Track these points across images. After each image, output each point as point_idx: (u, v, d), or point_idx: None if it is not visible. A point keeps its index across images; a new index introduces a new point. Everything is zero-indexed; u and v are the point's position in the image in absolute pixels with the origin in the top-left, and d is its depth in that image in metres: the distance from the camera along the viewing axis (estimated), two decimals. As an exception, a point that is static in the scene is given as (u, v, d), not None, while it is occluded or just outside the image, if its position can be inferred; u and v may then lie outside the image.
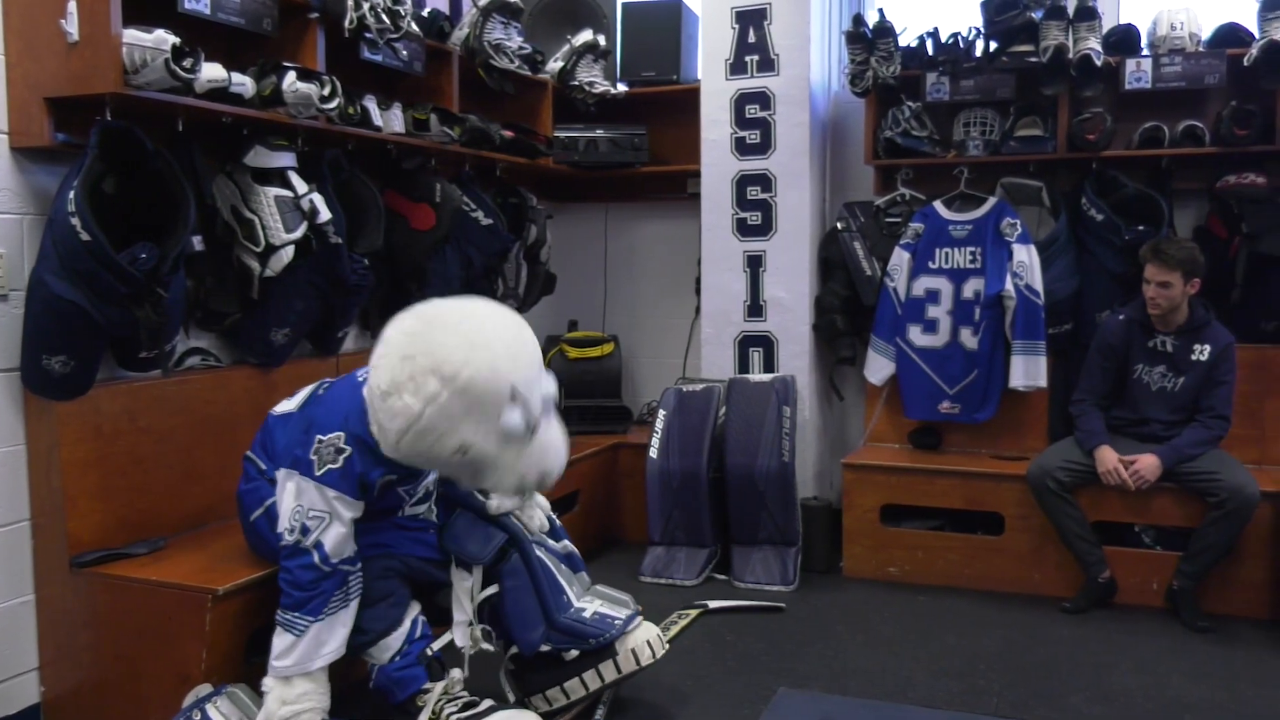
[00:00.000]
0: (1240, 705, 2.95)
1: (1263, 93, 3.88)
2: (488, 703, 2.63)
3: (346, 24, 3.23)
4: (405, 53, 3.64)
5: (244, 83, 2.93)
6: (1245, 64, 3.81)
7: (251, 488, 2.73)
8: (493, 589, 2.75)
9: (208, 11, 2.89)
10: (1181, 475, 3.64)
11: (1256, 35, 3.84)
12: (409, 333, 2.41)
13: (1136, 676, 3.14)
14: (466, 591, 2.74)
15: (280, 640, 2.46)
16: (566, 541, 2.99)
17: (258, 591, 2.66)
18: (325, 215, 3.15)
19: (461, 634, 2.70)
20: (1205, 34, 4.04)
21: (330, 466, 2.45)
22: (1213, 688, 3.06)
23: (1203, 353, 3.71)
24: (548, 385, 2.50)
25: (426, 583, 2.77)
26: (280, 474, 2.56)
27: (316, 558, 2.44)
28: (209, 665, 2.55)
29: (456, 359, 2.33)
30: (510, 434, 2.37)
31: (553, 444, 2.52)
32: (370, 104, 3.45)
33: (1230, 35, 4.01)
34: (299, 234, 3.09)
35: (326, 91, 3.12)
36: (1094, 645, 3.40)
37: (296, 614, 2.45)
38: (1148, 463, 3.64)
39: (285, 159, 3.14)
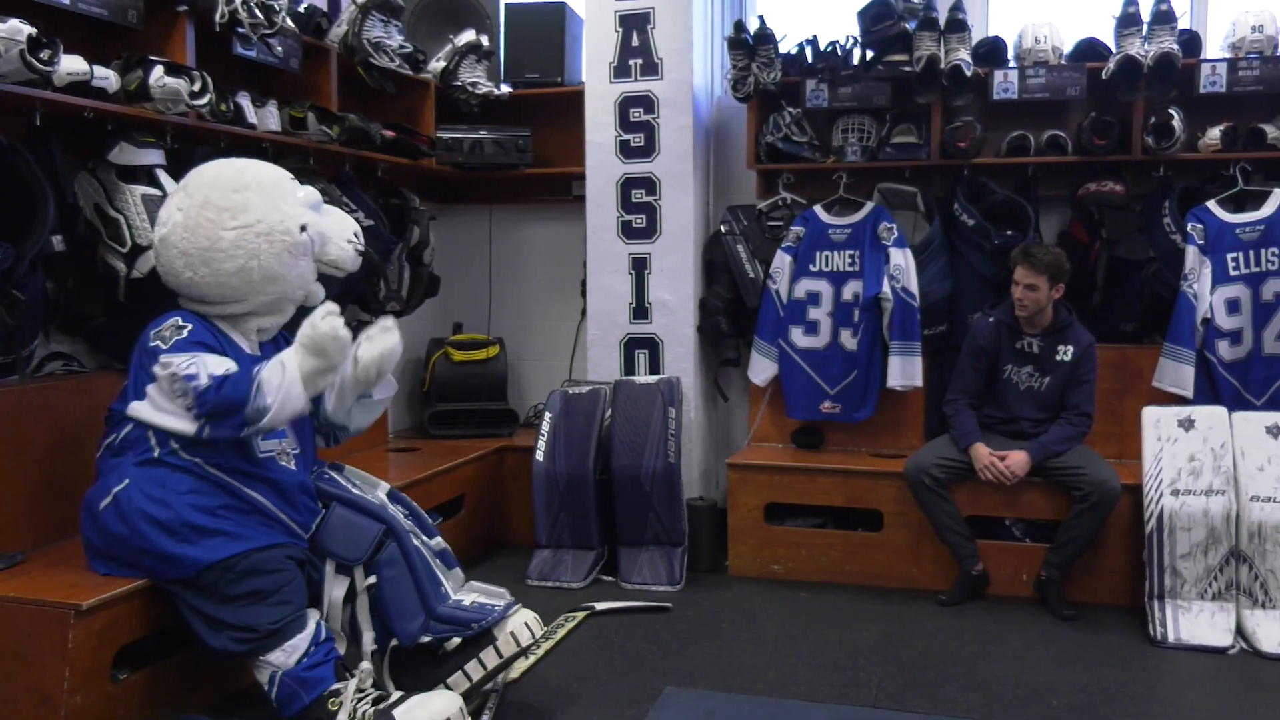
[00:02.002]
0: (1102, 688, 3.09)
1: (1120, 105, 4.08)
2: (399, 694, 2.58)
3: (217, 18, 3.13)
4: (280, 49, 3.55)
5: (107, 76, 2.82)
6: (1103, 77, 4.00)
7: (99, 483, 2.64)
8: (371, 580, 2.71)
9: (66, 1, 2.76)
10: (1048, 470, 3.79)
11: (1113, 50, 4.03)
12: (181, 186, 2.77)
13: (1007, 664, 3.26)
14: (338, 604, 2.70)
15: (279, 401, 2.51)
16: (439, 538, 2.96)
17: (123, 606, 2.56)
18: (196, 215, 3.04)
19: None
20: (1067, 48, 4.22)
21: (177, 338, 2.59)
22: (1077, 672, 3.20)
23: (1066, 353, 3.87)
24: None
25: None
26: (135, 406, 2.59)
27: (206, 378, 2.51)
28: (72, 685, 2.43)
29: (236, 179, 2.71)
30: (311, 200, 2.79)
31: (338, 213, 2.98)
32: (244, 101, 3.36)
33: (1090, 50, 4.20)
34: (168, 234, 2.98)
35: (197, 87, 3.02)
36: (967, 636, 3.51)
37: (245, 399, 2.49)
38: (1017, 459, 3.78)
39: (153, 156, 3.04)
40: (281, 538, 2.62)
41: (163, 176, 3.04)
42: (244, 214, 2.64)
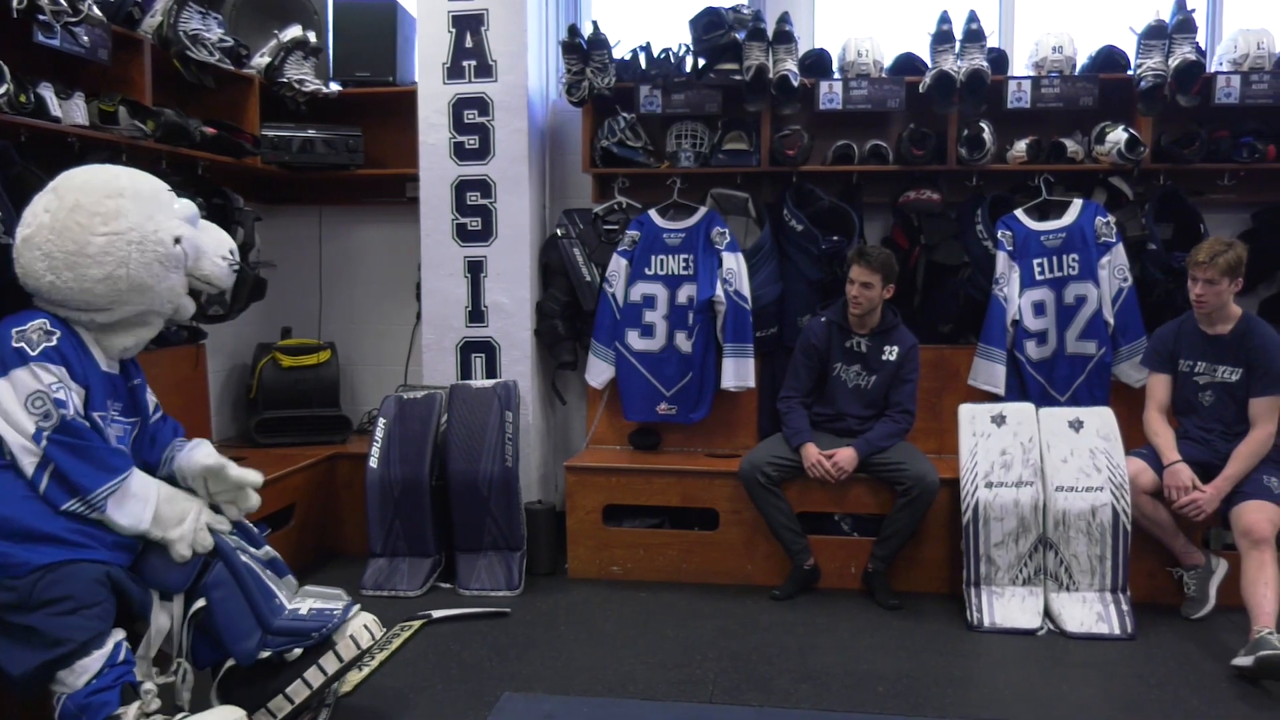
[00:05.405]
0: (924, 672, 3.23)
1: (936, 117, 4.28)
2: (182, 714, 2.48)
3: (15, 3, 2.93)
4: (87, 38, 3.35)
5: (-113, 63, 2.60)
6: (920, 91, 4.20)
7: None
8: (199, 603, 2.60)
9: None
10: (872, 466, 3.94)
11: (929, 65, 4.23)
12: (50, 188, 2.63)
13: (835, 655, 3.38)
14: (163, 632, 2.58)
15: (126, 514, 2.49)
16: (268, 548, 2.86)
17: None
18: (-8, 213, 2.85)
19: (143, 668, 2.53)
20: (887, 62, 4.41)
21: (45, 345, 2.51)
22: (901, 659, 3.34)
23: (891, 353, 4.04)
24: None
25: (125, 611, 2.55)
26: None
27: (73, 412, 2.48)
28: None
29: (111, 184, 2.61)
30: (188, 213, 2.71)
31: (215, 229, 2.83)
32: (47, 92, 3.16)
33: (908, 64, 4.40)
34: (-40, 233, 2.78)
35: (-9, 76, 2.83)
36: (799, 629, 3.62)
37: (108, 476, 2.47)
38: (845, 455, 3.92)
39: (-59, 150, 2.82)
40: (110, 554, 2.49)
41: (-46, 172, 2.82)
42: (116, 220, 2.55)
